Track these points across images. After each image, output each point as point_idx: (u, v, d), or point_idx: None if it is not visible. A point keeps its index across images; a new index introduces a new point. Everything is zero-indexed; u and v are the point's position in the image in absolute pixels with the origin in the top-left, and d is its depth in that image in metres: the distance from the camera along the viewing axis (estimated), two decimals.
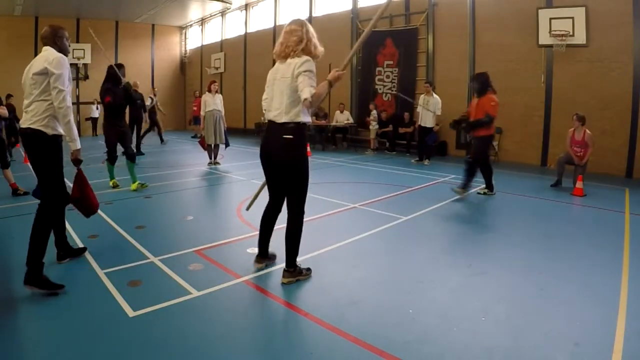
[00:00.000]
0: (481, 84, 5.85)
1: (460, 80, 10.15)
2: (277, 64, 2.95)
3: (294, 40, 2.81)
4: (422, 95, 9.26)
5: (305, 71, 2.73)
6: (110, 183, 6.26)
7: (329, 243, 3.80)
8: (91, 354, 2.11)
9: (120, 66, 6.25)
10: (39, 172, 2.89)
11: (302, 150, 2.90)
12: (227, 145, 8.60)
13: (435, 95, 9.08)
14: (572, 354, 2.15)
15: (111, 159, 6.19)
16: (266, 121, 3.03)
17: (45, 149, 2.85)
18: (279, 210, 3.14)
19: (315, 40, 2.88)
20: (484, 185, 6.06)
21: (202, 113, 8.24)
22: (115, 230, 4.13)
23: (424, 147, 9.23)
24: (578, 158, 6.35)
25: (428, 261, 3.51)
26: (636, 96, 7.64)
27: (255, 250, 3.61)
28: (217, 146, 8.43)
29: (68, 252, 3.31)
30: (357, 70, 12.44)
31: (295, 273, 3.00)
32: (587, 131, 6.38)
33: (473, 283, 3.04)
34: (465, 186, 5.81)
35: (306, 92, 2.68)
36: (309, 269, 3.13)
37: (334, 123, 12.05)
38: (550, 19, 8.32)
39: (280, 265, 3.32)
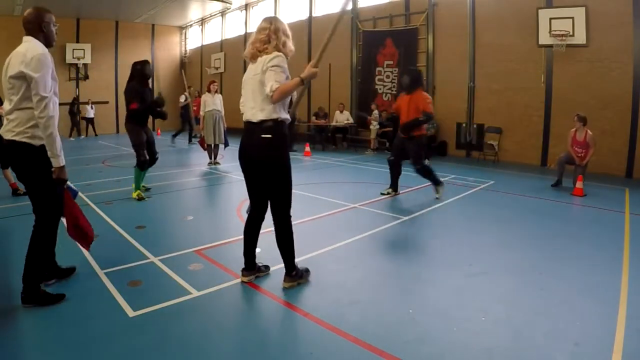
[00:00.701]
0: (412, 80, 5.53)
1: (460, 80, 10.15)
2: (249, 65, 2.84)
3: (262, 39, 2.73)
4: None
5: (273, 66, 2.63)
6: (134, 195, 5.51)
7: (329, 243, 3.80)
8: (91, 354, 2.11)
9: (145, 63, 5.59)
10: (30, 188, 2.57)
11: (282, 149, 2.78)
12: (226, 145, 8.60)
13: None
14: (572, 354, 2.15)
15: (141, 164, 5.45)
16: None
17: (33, 162, 2.48)
18: (263, 218, 2.97)
19: (285, 37, 2.78)
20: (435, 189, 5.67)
21: (201, 113, 8.27)
22: (115, 230, 4.13)
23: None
24: (579, 159, 6.35)
25: (428, 261, 3.51)
26: (636, 96, 7.64)
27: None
28: (216, 146, 8.46)
29: (55, 272, 2.93)
30: (357, 70, 12.44)
31: (296, 277, 2.94)
32: (589, 132, 6.36)
33: (473, 283, 3.04)
34: (395, 187, 5.83)
35: (268, 87, 2.60)
36: (307, 270, 3.07)
37: (333, 123, 12.05)
38: (550, 19, 8.32)
39: (280, 264, 3.33)
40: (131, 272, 3.13)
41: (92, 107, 15.91)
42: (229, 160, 9.18)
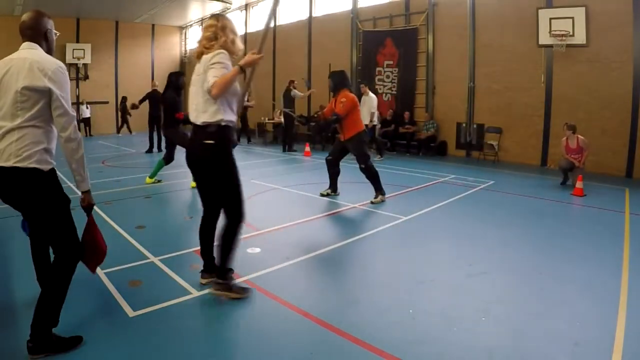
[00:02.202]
0: (335, 83, 5.46)
1: (460, 80, 10.14)
2: (196, 65, 2.69)
3: (207, 36, 2.63)
4: (362, 97, 9.42)
5: (214, 63, 2.50)
6: (150, 180, 6.46)
7: (329, 243, 3.80)
8: (91, 354, 2.11)
9: (180, 74, 6.42)
10: (43, 223, 2.13)
11: (225, 155, 2.64)
12: (235, 144, 8.71)
13: (371, 94, 9.44)
14: (572, 354, 2.15)
15: (169, 159, 6.31)
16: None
17: (45, 191, 2.06)
18: (215, 219, 2.89)
19: (232, 35, 2.66)
20: (375, 195, 5.45)
21: None
22: (115, 230, 4.13)
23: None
24: (577, 162, 6.54)
25: (428, 261, 3.51)
26: (636, 96, 7.63)
27: (256, 250, 3.62)
28: None
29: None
30: (357, 70, 12.44)
31: (224, 286, 2.69)
32: (580, 137, 6.58)
33: (473, 283, 3.04)
34: (334, 187, 5.75)
35: (207, 84, 2.48)
36: (245, 289, 2.78)
37: None
38: (550, 19, 8.31)
39: (285, 263, 3.33)
40: (131, 272, 3.13)
41: (87, 107, 15.92)
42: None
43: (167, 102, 6.14)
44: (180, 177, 7.01)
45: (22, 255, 2.77)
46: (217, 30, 2.61)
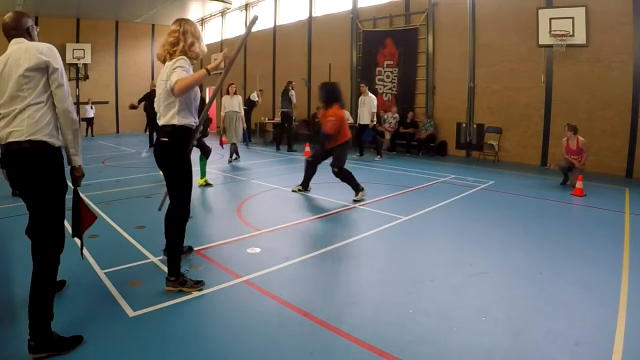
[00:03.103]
0: (327, 95, 5.61)
1: (460, 80, 10.14)
2: (162, 68, 2.82)
3: (170, 42, 2.76)
4: (361, 97, 9.69)
5: (175, 68, 2.63)
6: (201, 181, 6.36)
7: (329, 243, 3.80)
8: (91, 354, 2.11)
9: None
10: (39, 203, 2.16)
11: (178, 154, 2.76)
12: (247, 143, 8.94)
13: (370, 94, 9.55)
14: (572, 354, 2.15)
15: (208, 153, 6.29)
16: None
17: (52, 167, 2.17)
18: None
19: (193, 39, 2.78)
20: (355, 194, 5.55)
21: (222, 114, 8.79)
22: (115, 230, 4.13)
23: (363, 143, 9.82)
24: (577, 163, 6.58)
25: (428, 261, 3.51)
26: (636, 96, 7.63)
27: (256, 250, 3.63)
28: (233, 145, 8.92)
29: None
30: (357, 70, 12.44)
31: (176, 282, 2.79)
32: (580, 138, 6.60)
33: (473, 283, 3.04)
34: (306, 186, 5.94)
35: (169, 82, 2.62)
36: (199, 282, 2.87)
37: None
38: (550, 19, 8.31)
39: (285, 263, 3.33)
40: (131, 272, 3.13)
41: (92, 107, 15.87)
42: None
43: None
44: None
45: (23, 256, 2.76)
46: (179, 35, 2.75)
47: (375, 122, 9.62)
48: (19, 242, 3.80)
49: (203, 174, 6.44)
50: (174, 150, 2.76)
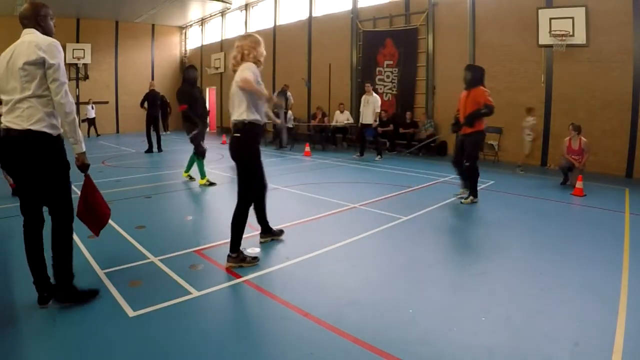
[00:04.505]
0: (474, 76, 5.52)
1: (460, 80, 10.03)
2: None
3: (235, 56, 3.30)
4: (364, 96, 9.72)
5: (245, 69, 3.16)
6: (203, 182, 6.41)
7: (329, 243, 3.80)
8: (91, 354, 2.11)
9: (186, 68, 6.73)
10: (46, 183, 2.43)
11: (250, 145, 3.25)
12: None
13: (375, 94, 9.63)
14: (572, 354, 2.15)
15: (203, 153, 6.41)
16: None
17: (52, 154, 2.40)
18: (262, 192, 3.62)
19: (249, 50, 3.26)
20: (465, 195, 5.56)
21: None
22: (115, 230, 4.13)
23: (365, 142, 9.92)
24: (577, 163, 6.59)
25: (428, 261, 3.51)
26: (636, 96, 7.63)
27: (256, 250, 3.64)
28: None
29: (50, 289, 2.59)
30: (357, 70, 12.43)
31: (237, 259, 3.23)
32: (583, 139, 6.62)
33: (473, 283, 3.04)
34: (467, 185, 5.72)
35: (237, 76, 3.14)
36: (255, 258, 3.34)
37: (334, 123, 12.04)
38: (550, 19, 8.31)
39: (285, 263, 3.34)
40: (131, 272, 3.13)
41: (92, 107, 15.85)
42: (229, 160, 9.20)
43: (178, 95, 6.39)
44: (181, 177, 7.02)
45: (23, 255, 2.76)
46: (242, 49, 3.27)
47: (377, 122, 9.63)
48: (19, 242, 3.80)
49: (202, 174, 6.44)
50: (247, 143, 3.23)
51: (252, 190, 3.32)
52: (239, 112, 3.18)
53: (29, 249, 2.53)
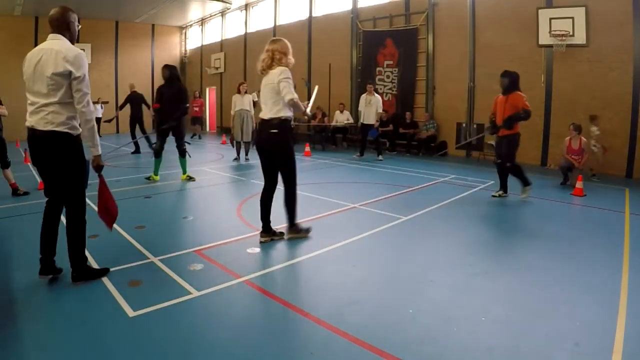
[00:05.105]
0: (511, 82, 5.78)
1: (460, 80, 10.15)
2: (263, 78, 3.69)
3: (263, 59, 3.65)
4: (364, 95, 9.76)
5: (284, 78, 3.50)
6: (184, 177, 6.86)
7: (329, 243, 3.80)
8: (91, 354, 2.11)
9: (164, 67, 6.85)
10: (64, 177, 2.74)
11: (286, 140, 3.63)
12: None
13: (377, 95, 9.71)
14: (572, 354, 2.15)
15: (182, 152, 6.86)
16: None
17: (72, 151, 2.72)
18: (274, 190, 3.86)
19: (280, 55, 3.60)
20: (510, 188, 5.80)
21: (232, 112, 8.98)
22: (115, 230, 4.13)
23: (366, 142, 9.95)
24: (577, 163, 6.62)
25: (428, 261, 3.51)
26: (636, 96, 7.63)
27: (256, 250, 3.64)
28: (246, 143, 9.03)
29: (51, 267, 2.86)
30: (357, 70, 12.44)
31: (294, 230, 3.82)
32: (583, 139, 6.66)
33: (473, 283, 3.04)
34: (505, 188, 5.85)
35: (289, 95, 3.48)
36: (308, 230, 3.93)
37: (334, 123, 12.05)
38: (550, 19, 8.31)
39: (285, 263, 3.34)
40: (131, 272, 3.13)
41: (102, 107, 15.62)
42: (228, 160, 9.18)
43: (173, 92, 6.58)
44: (180, 177, 7.02)
45: (23, 255, 2.76)
46: (273, 54, 3.61)
47: (379, 123, 9.64)
48: (19, 242, 3.81)
49: (156, 171, 6.83)
50: (283, 137, 3.59)
51: (296, 173, 3.73)
52: (275, 109, 3.56)
53: (45, 225, 2.81)
